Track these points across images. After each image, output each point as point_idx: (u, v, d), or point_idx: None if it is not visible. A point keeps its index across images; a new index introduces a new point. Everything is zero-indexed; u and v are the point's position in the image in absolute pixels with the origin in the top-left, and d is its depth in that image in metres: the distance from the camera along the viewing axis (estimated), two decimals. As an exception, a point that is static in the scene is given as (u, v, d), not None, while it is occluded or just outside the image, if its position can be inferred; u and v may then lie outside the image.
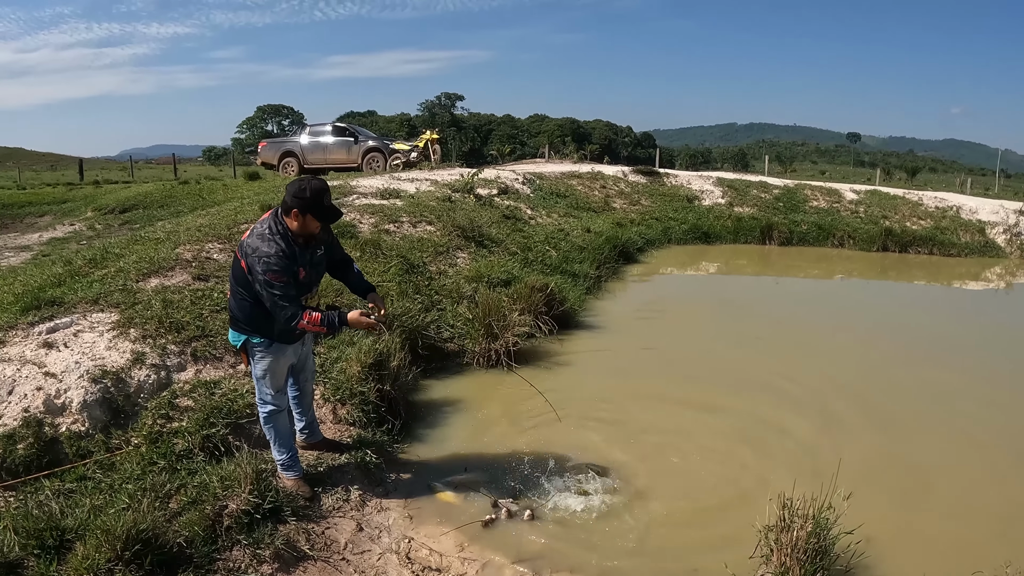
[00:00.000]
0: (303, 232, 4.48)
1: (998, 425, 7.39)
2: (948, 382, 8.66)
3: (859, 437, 6.84)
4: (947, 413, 7.65)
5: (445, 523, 4.96)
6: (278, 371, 4.75)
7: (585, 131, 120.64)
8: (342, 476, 5.27)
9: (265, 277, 4.28)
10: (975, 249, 21.23)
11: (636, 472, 5.92)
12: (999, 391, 8.49)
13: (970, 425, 7.33)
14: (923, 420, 7.41)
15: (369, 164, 22.66)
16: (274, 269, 4.28)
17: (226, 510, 4.38)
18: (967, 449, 6.77)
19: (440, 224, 12.08)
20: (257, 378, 4.75)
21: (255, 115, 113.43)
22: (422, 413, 6.83)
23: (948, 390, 8.37)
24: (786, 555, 4.36)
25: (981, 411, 7.69)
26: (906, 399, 8.01)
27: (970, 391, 8.37)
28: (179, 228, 9.10)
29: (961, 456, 6.62)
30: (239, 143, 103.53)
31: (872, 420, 7.30)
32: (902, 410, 7.63)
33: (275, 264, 4.29)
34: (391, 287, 8.78)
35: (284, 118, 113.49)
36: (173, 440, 5.06)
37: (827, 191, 24.74)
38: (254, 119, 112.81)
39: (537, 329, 8.98)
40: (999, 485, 6.10)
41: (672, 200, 22.44)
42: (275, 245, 4.35)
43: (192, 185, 21.66)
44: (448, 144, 54.65)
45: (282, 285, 4.30)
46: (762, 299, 14.18)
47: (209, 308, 6.83)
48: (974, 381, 8.76)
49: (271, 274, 4.27)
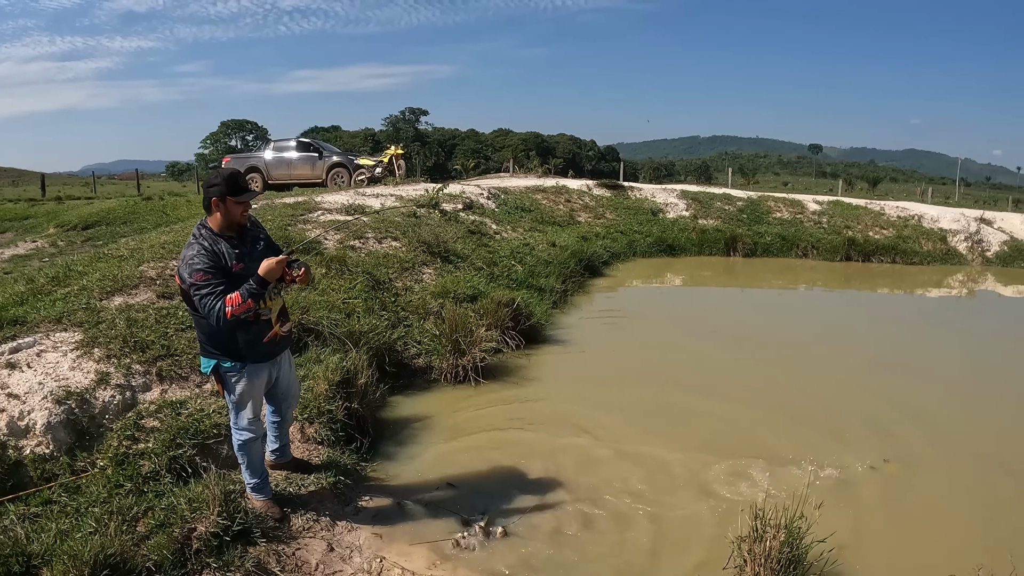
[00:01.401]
0: (229, 222, 4.45)
1: (967, 431, 7.53)
2: (916, 389, 8.78)
3: (829, 445, 6.91)
4: (916, 420, 7.75)
5: (416, 542, 4.95)
6: (255, 396, 4.70)
7: (549, 145, 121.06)
8: (312, 496, 5.24)
9: (191, 280, 4.21)
10: (937, 257, 21.63)
11: (608, 486, 5.94)
12: (967, 397, 8.64)
13: (939, 431, 7.44)
14: (892, 427, 7.51)
15: (334, 180, 22.58)
16: (197, 268, 4.22)
17: (195, 533, 4.32)
18: (937, 455, 6.87)
19: (406, 240, 12.07)
20: (233, 405, 4.67)
21: (219, 130, 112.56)
22: (391, 430, 6.80)
23: (915, 397, 8.49)
24: (759, 565, 4.40)
25: (950, 417, 7.83)
26: (874, 406, 8.11)
27: (938, 398, 8.51)
28: (143, 245, 9.01)
29: (931, 462, 6.71)
30: (203, 158, 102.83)
31: (842, 428, 7.39)
32: (871, 417, 7.73)
33: (198, 263, 4.24)
34: (357, 304, 8.75)
35: (248, 133, 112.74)
36: (139, 462, 5.00)
37: (790, 202, 25.03)
38: (218, 134, 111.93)
39: (504, 344, 9.01)
40: (970, 490, 6.21)
41: (637, 213, 22.58)
42: (196, 246, 4.31)
43: (155, 201, 21.44)
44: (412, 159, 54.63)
45: (207, 283, 4.21)
46: (727, 310, 14.30)
47: (174, 327, 6.76)
48: (941, 388, 8.90)
49: (196, 274, 4.21)
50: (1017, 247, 22.79)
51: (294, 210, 12.51)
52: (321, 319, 7.94)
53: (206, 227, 4.43)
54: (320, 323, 7.85)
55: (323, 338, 7.63)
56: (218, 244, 4.38)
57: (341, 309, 8.47)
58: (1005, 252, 22.55)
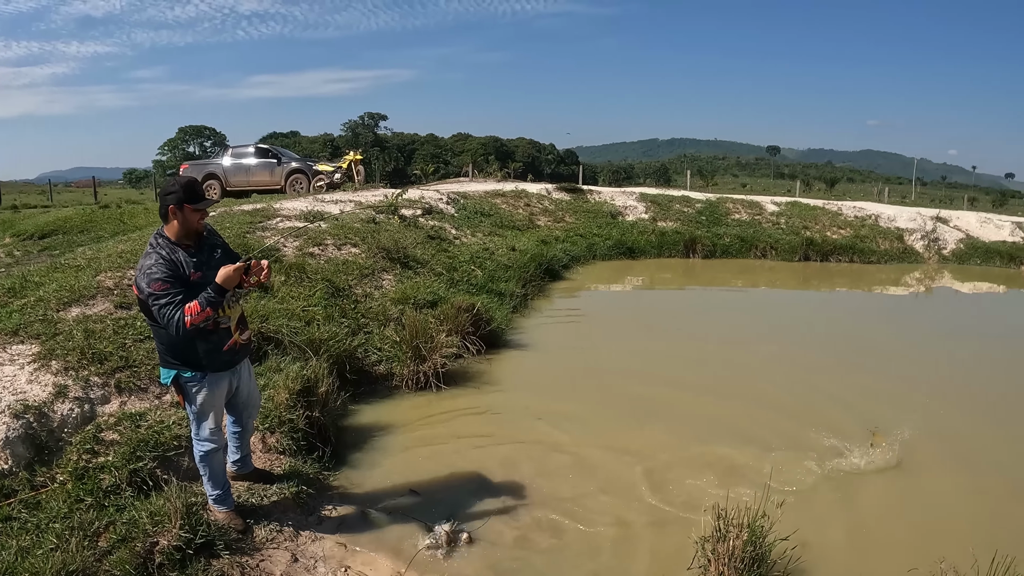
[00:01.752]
0: (186, 230, 4.44)
1: (926, 427, 7.64)
2: (874, 387, 8.94)
3: (789, 442, 7.05)
4: (875, 417, 7.88)
5: (381, 550, 4.97)
6: (216, 406, 4.68)
7: (508, 149, 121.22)
8: (274, 506, 5.23)
9: (149, 289, 4.18)
10: (894, 256, 22.13)
11: (572, 488, 6.01)
12: (924, 395, 8.78)
13: (898, 428, 7.55)
14: (851, 424, 7.64)
15: (292, 186, 22.49)
16: (156, 277, 4.19)
17: (157, 547, 4.30)
18: (897, 451, 6.95)
19: (365, 246, 12.05)
20: (194, 415, 4.64)
21: (177, 136, 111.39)
22: (353, 438, 6.80)
23: (874, 394, 8.64)
24: (723, 565, 4.48)
25: (908, 414, 7.95)
26: (832, 404, 8.28)
27: (896, 395, 8.64)
28: (100, 255, 8.91)
29: (891, 458, 6.81)
30: (160, 165, 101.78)
31: (801, 426, 7.51)
32: (829, 414, 7.87)
33: (156, 272, 4.21)
34: (317, 311, 8.73)
35: (206, 139, 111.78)
36: (100, 476, 4.94)
37: (748, 204, 25.34)
38: (176, 141, 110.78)
39: (465, 349, 9.06)
40: (930, 485, 6.36)
41: (596, 216, 22.72)
42: (154, 255, 4.29)
43: (113, 209, 21.12)
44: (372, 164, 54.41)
45: (165, 293, 4.18)
46: (687, 311, 14.46)
47: (132, 337, 6.70)
48: (900, 384, 9.04)
49: (154, 284, 4.18)
50: (973, 245, 23.35)
51: (252, 217, 12.45)
52: (281, 327, 7.92)
53: (163, 236, 4.41)
54: (280, 331, 7.83)
55: (283, 346, 7.61)
56: (176, 253, 4.36)
57: (301, 317, 8.45)
58: (961, 250, 23.12)
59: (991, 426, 7.99)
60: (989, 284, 19.87)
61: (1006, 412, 8.50)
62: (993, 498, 6.21)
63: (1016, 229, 25.07)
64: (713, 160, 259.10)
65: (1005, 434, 7.80)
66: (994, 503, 6.12)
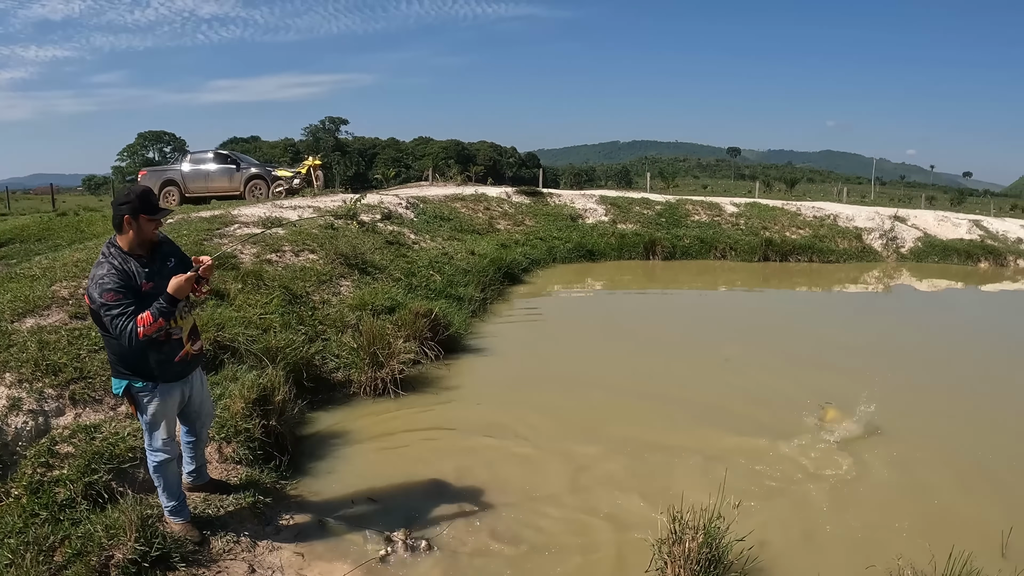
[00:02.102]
0: (141, 240, 4.43)
1: (881, 423, 7.79)
2: (829, 383, 9.07)
3: (747, 444, 7.17)
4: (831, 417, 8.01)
5: (340, 559, 4.99)
6: (168, 416, 4.68)
7: (470, 153, 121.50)
8: (231, 517, 5.23)
9: (102, 300, 4.18)
10: (853, 255, 22.62)
11: (531, 491, 6.07)
12: (878, 389, 8.89)
13: (854, 424, 7.70)
14: (804, 421, 7.80)
15: (252, 192, 22.32)
16: (108, 288, 4.20)
17: (112, 560, 4.30)
18: (852, 449, 7.13)
19: (323, 252, 12.03)
20: (147, 426, 4.64)
21: (136, 142, 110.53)
22: (311, 447, 6.80)
23: (828, 391, 8.76)
24: (680, 567, 4.55)
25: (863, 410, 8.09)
26: (788, 402, 8.44)
27: (850, 391, 8.75)
28: (55, 264, 8.82)
29: (846, 456, 6.96)
30: (120, 171, 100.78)
31: (759, 425, 7.67)
32: (785, 413, 8.05)
33: (108, 282, 4.22)
34: (274, 319, 8.71)
35: (166, 145, 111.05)
36: (55, 489, 4.92)
37: (708, 205, 25.64)
38: (135, 146, 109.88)
39: (423, 355, 9.10)
40: (886, 482, 6.49)
41: (556, 219, 22.84)
42: (106, 265, 4.29)
43: (71, 217, 20.84)
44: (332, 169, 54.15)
45: (117, 303, 4.19)
46: (646, 314, 14.58)
47: (87, 348, 6.65)
48: (854, 381, 9.16)
49: (106, 294, 4.18)
50: (930, 243, 23.88)
51: (210, 224, 12.36)
52: (237, 336, 7.90)
53: (115, 245, 4.40)
54: (236, 340, 7.81)
55: (239, 355, 7.59)
56: (128, 263, 4.36)
57: (258, 325, 8.43)
58: (919, 248, 23.63)
59: (949, 420, 8.22)
60: (947, 281, 20.33)
61: (966, 406, 8.75)
62: (948, 492, 6.36)
63: (973, 227, 25.65)
64: (674, 162, 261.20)
65: (965, 428, 8.01)
66: (950, 497, 6.27)
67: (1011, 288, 20.29)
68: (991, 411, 8.65)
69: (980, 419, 8.35)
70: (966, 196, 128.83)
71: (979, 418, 8.38)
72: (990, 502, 6.18)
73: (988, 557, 4.98)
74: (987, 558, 4.91)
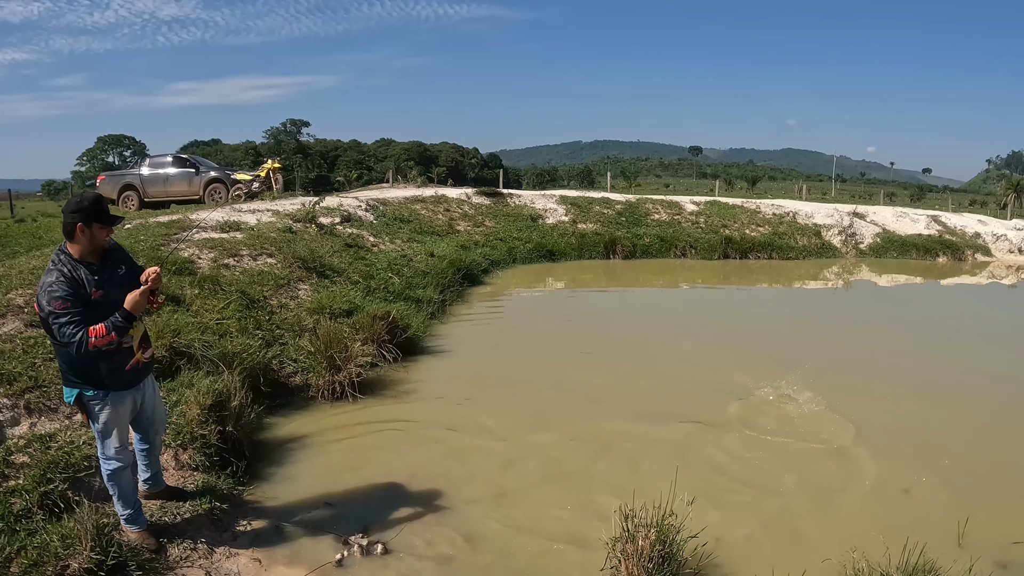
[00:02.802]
0: (92, 247, 4.43)
1: (838, 417, 7.99)
2: (788, 377, 9.17)
3: (697, 441, 7.30)
4: (783, 410, 8.22)
5: (296, 564, 5.01)
6: (120, 423, 4.68)
7: (432, 154, 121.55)
8: (188, 524, 5.24)
9: (50, 308, 4.16)
10: (812, 251, 23.05)
11: (488, 494, 6.14)
12: (835, 384, 9.07)
13: (805, 420, 7.87)
14: (758, 418, 7.95)
15: (211, 196, 22.22)
16: (56, 296, 4.18)
17: (68, 570, 4.29)
18: (808, 444, 7.28)
19: (281, 256, 12.02)
20: (99, 434, 4.64)
21: (96, 146, 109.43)
22: (268, 452, 6.81)
23: (787, 386, 8.90)
24: (634, 564, 4.62)
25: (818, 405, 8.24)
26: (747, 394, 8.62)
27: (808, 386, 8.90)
28: (11, 271, 8.73)
29: (803, 451, 7.12)
30: (79, 176, 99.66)
31: (710, 423, 7.77)
32: (736, 411, 8.16)
33: (56, 290, 4.20)
34: (231, 324, 8.70)
35: (126, 149, 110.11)
36: (10, 500, 4.89)
37: (668, 204, 25.88)
38: (95, 150, 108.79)
39: (381, 358, 9.15)
40: (840, 477, 6.61)
41: (516, 220, 22.94)
42: (55, 272, 4.28)
43: (29, 224, 20.65)
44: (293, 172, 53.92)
45: (65, 312, 4.17)
46: (604, 313, 14.69)
47: (42, 357, 6.60)
48: (812, 376, 9.30)
49: (54, 302, 4.16)
50: (889, 238, 24.33)
51: (168, 229, 12.28)
52: (193, 341, 7.88)
53: (65, 253, 4.39)
54: (192, 345, 7.79)
55: (196, 361, 7.58)
56: (77, 270, 4.34)
57: (214, 330, 8.42)
58: (878, 244, 24.08)
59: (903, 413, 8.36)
60: (906, 276, 20.73)
61: (926, 401, 8.91)
62: (902, 483, 6.50)
63: (932, 222, 26.14)
64: (636, 161, 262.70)
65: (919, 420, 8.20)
66: (903, 488, 6.42)
67: (968, 282, 20.70)
68: (949, 403, 8.89)
69: (936, 411, 8.55)
70: (926, 192, 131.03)
71: (935, 410, 8.59)
72: (944, 492, 6.33)
73: (944, 547, 5.11)
74: (942, 548, 5.02)
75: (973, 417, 8.46)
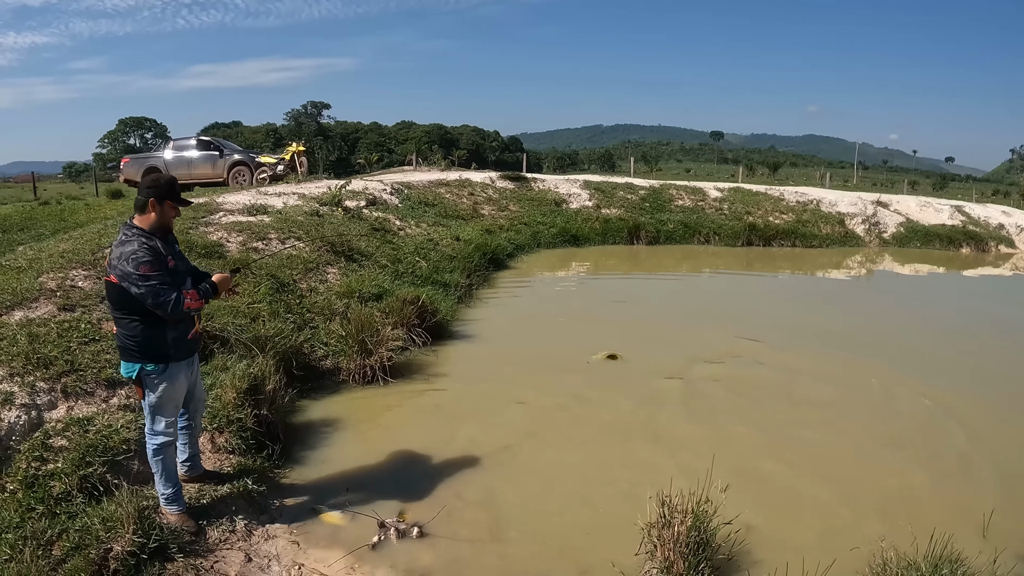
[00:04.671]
0: (161, 225, 4.63)
1: (863, 408, 7.95)
2: (812, 368, 9.15)
3: (731, 430, 7.25)
4: (812, 399, 8.18)
5: (333, 546, 5.03)
6: (175, 397, 4.80)
7: (453, 137, 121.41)
8: (226, 507, 5.27)
9: (139, 272, 4.34)
10: (836, 240, 22.86)
11: (520, 478, 6.15)
12: (862, 374, 9.01)
13: (835, 410, 7.82)
14: (789, 408, 7.92)
15: (235, 178, 22.19)
16: (145, 260, 4.37)
17: (111, 553, 4.32)
18: (835, 433, 7.24)
19: (309, 240, 12.03)
20: (151, 407, 4.71)
21: (117, 128, 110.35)
22: (302, 435, 6.84)
23: (811, 376, 8.89)
24: (669, 549, 4.61)
25: (845, 395, 8.19)
26: (771, 387, 8.56)
27: (833, 376, 8.86)
28: (41, 255, 8.78)
29: (831, 441, 7.07)
30: (101, 158, 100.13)
31: (740, 412, 7.74)
32: (767, 399, 8.15)
33: (144, 255, 4.39)
34: (262, 308, 8.73)
35: (147, 131, 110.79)
36: (50, 483, 4.93)
37: (692, 190, 25.74)
38: (116, 133, 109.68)
39: (411, 342, 9.14)
40: (869, 466, 6.57)
41: (540, 204, 22.88)
42: (135, 242, 4.45)
43: (53, 206, 20.76)
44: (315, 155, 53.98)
45: (157, 274, 4.41)
46: (630, 298, 14.55)
47: (77, 340, 6.65)
48: (838, 366, 9.26)
49: (144, 266, 4.36)
50: (912, 228, 24.07)
51: (195, 212, 12.31)
52: (226, 325, 7.92)
53: (136, 227, 4.56)
54: (225, 329, 7.83)
55: (229, 344, 7.61)
56: (152, 240, 4.53)
57: (246, 314, 8.45)
58: (901, 233, 23.83)
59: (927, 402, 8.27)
60: (929, 266, 20.50)
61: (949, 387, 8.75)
62: (929, 474, 6.44)
63: (955, 212, 25.85)
64: (657, 146, 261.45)
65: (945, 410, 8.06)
66: (930, 479, 6.36)
67: (992, 273, 20.43)
68: (973, 392, 8.78)
69: (962, 400, 8.44)
70: (948, 181, 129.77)
71: (961, 399, 8.47)
72: (972, 485, 6.28)
73: (969, 539, 5.07)
74: (968, 540, 4.98)
75: (1004, 407, 8.37)
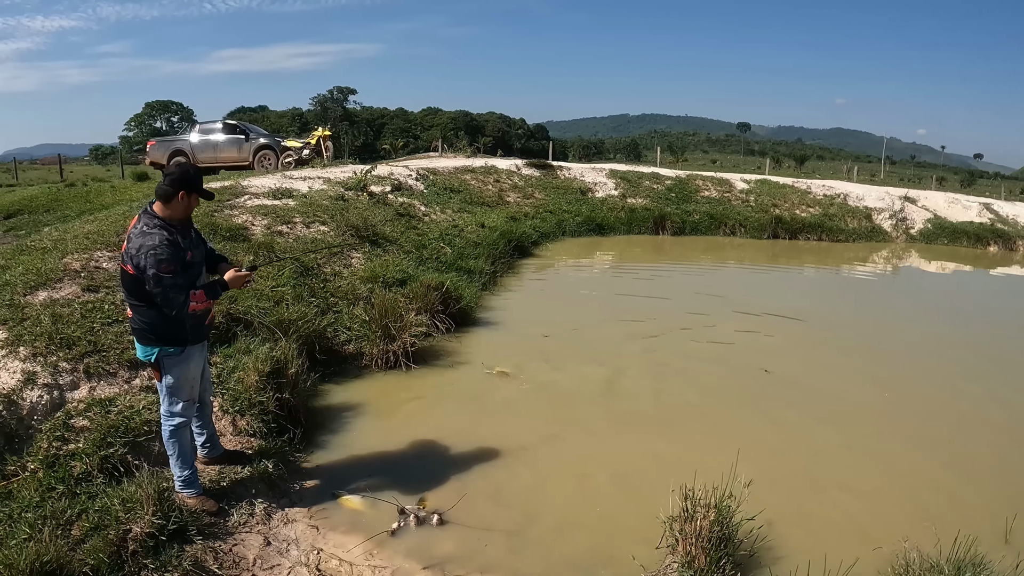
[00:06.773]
0: (183, 216, 4.62)
1: (885, 406, 7.85)
2: (834, 365, 9.07)
3: (755, 425, 7.16)
4: (835, 397, 8.07)
5: (353, 532, 5.01)
6: (192, 379, 4.80)
7: (478, 123, 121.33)
8: (246, 490, 5.25)
9: (155, 271, 4.32)
10: (863, 235, 22.57)
11: (542, 467, 6.09)
12: (882, 371, 8.91)
13: (858, 407, 7.72)
14: (811, 405, 7.80)
15: (261, 162, 22.30)
16: (163, 259, 4.34)
17: (130, 534, 4.31)
18: (859, 431, 7.14)
19: (334, 224, 12.03)
20: (168, 389, 4.71)
21: (143, 112, 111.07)
22: (323, 419, 6.81)
23: (834, 374, 8.79)
24: (691, 544, 4.55)
25: (868, 392, 8.09)
26: (794, 384, 8.45)
27: (856, 372, 8.77)
28: (66, 236, 8.81)
29: (854, 439, 6.96)
30: (127, 141, 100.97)
31: (764, 408, 7.64)
32: (792, 395, 8.06)
33: (163, 253, 4.35)
34: (286, 291, 8.72)
35: (173, 114, 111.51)
36: (71, 463, 4.93)
37: (718, 181, 25.56)
38: (142, 116, 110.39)
39: (434, 328, 9.09)
40: (891, 465, 6.46)
41: (566, 193, 22.79)
42: (158, 235, 4.41)
43: (79, 188, 20.89)
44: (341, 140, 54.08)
45: (172, 275, 4.38)
46: (655, 288, 14.45)
47: (100, 321, 6.65)
48: (860, 362, 9.16)
49: (162, 265, 4.33)
50: (940, 225, 23.78)
51: (220, 195, 12.31)
52: (250, 308, 7.92)
53: (157, 216, 4.52)
54: (249, 312, 7.83)
55: (252, 327, 7.60)
56: (173, 234, 4.50)
57: (270, 297, 8.45)
58: (928, 229, 23.55)
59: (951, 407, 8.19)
60: (956, 264, 20.23)
61: (968, 395, 8.66)
62: (953, 477, 6.36)
63: (983, 210, 25.51)
64: (684, 136, 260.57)
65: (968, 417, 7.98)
66: (954, 483, 6.27)
67: (1019, 273, 20.13)
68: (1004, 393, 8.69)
69: (991, 401, 8.37)
70: (976, 178, 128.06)
71: (990, 400, 8.40)
72: (996, 488, 6.16)
73: (991, 543, 4.99)
74: (990, 543, 4.91)
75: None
